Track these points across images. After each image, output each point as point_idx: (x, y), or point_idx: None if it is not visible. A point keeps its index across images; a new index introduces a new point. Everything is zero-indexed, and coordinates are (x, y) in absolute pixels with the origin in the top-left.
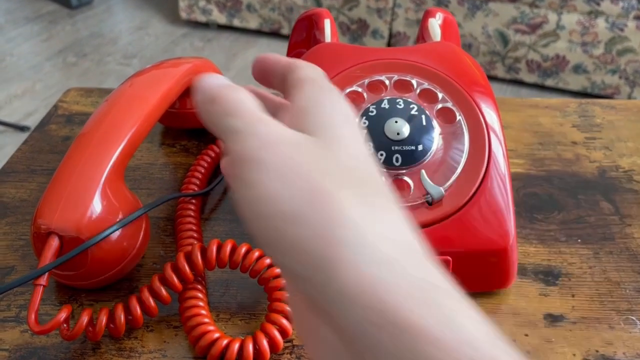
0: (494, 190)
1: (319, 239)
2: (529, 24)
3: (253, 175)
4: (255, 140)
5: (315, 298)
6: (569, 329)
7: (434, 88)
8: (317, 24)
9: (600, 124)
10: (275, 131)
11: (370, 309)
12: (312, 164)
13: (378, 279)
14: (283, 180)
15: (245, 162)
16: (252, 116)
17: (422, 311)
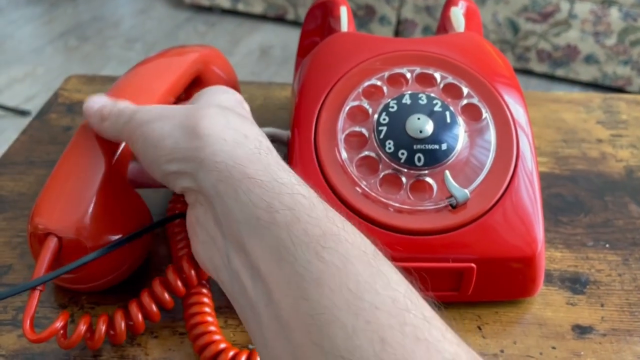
0: (521, 193)
1: (189, 147)
2: (540, 13)
3: (146, 129)
4: (145, 107)
5: (191, 186)
6: (599, 341)
7: (458, 82)
8: (332, 11)
9: (626, 120)
10: (154, 107)
11: (220, 171)
12: (192, 111)
13: (216, 152)
14: (172, 123)
15: (140, 124)
16: (134, 106)
17: (254, 166)
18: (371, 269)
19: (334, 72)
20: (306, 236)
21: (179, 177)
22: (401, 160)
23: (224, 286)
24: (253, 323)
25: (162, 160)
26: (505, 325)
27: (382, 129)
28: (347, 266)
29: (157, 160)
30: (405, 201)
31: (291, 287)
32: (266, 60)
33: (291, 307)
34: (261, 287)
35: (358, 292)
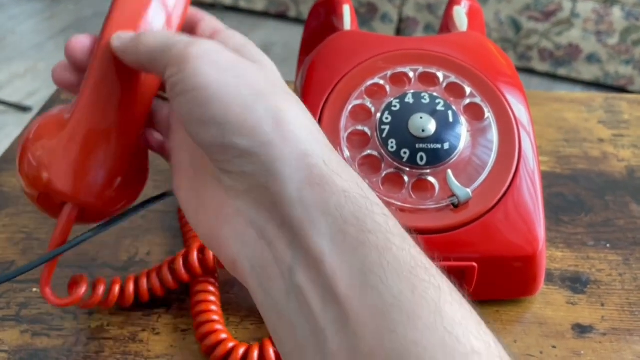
0: (523, 192)
1: (274, 133)
2: (542, 12)
3: (214, 74)
4: (210, 43)
5: (252, 172)
6: (599, 340)
7: (461, 82)
8: (336, 9)
9: (628, 120)
10: (210, 46)
11: (311, 176)
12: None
13: (308, 151)
14: (251, 90)
15: (201, 59)
16: (188, 37)
17: (347, 177)
18: (463, 311)
19: (336, 70)
20: (398, 264)
21: (243, 156)
22: (403, 159)
23: (265, 295)
24: (311, 348)
25: (233, 129)
26: (505, 324)
27: (385, 127)
28: (442, 303)
29: (223, 125)
30: (408, 200)
31: (376, 317)
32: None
33: (373, 339)
34: (335, 311)
35: (454, 332)
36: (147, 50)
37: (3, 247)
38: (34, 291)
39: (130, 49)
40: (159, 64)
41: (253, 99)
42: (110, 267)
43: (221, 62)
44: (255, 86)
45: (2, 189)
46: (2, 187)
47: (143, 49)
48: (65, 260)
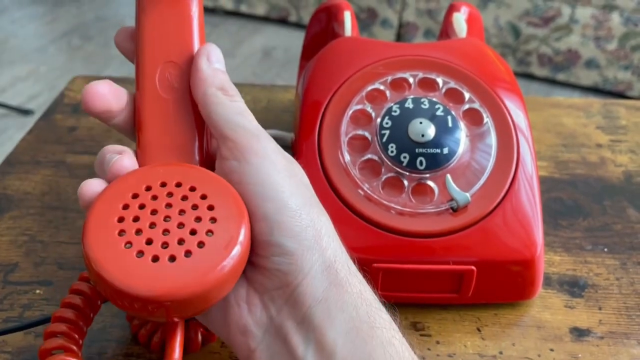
0: (521, 197)
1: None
2: (541, 17)
3: (268, 169)
4: (272, 144)
5: (289, 271)
6: (596, 344)
7: (460, 87)
8: (336, 16)
9: (626, 125)
10: (274, 147)
11: (338, 278)
12: (309, 192)
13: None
14: (302, 199)
15: (265, 158)
16: (254, 121)
17: (361, 280)
18: None
19: (337, 76)
20: (399, 358)
21: (284, 255)
22: (403, 163)
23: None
24: None
25: (282, 230)
26: (504, 327)
27: (385, 132)
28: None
29: (273, 223)
30: (407, 204)
31: None
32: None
33: None
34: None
35: None
36: (216, 110)
37: (6, 250)
38: (37, 293)
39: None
40: (219, 132)
41: (301, 207)
42: None
43: (278, 164)
44: (301, 194)
45: (6, 192)
46: (6, 190)
47: (214, 104)
48: (68, 261)
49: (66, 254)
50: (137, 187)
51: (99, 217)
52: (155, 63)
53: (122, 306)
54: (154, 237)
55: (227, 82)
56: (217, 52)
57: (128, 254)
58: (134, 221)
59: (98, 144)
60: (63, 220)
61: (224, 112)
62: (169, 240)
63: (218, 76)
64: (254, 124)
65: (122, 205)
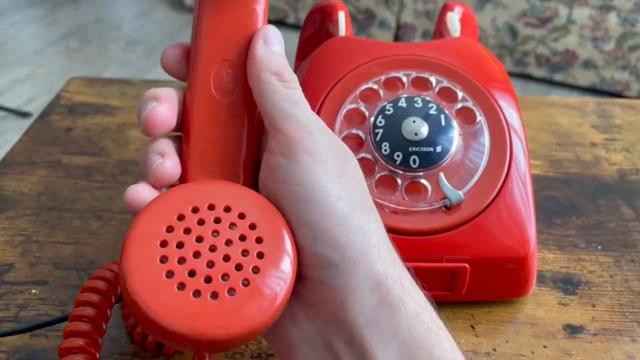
0: (514, 195)
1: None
2: (539, 18)
3: (315, 171)
4: (321, 138)
5: (335, 285)
6: (589, 341)
7: (453, 86)
8: (331, 16)
9: (620, 124)
10: (327, 144)
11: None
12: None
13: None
14: (350, 204)
15: (313, 156)
16: (309, 113)
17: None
18: None
19: (331, 75)
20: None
21: (328, 268)
22: (397, 162)
23: None
24: None
25: (325, 239)
26: (497, 324)
27: (379, 131)
28: None
29: (317, 231)
30: (401, 202)
31: None
32: None
33: None
34: None
35: None
36: (271, 96)
37: (2, 250)
38: (33, 293)
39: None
40: (270, 119)
41: (350, 213)
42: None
43: (331, 166)
44: (351, 198)
45: (2, 192)
46: (2, 190)
47: (269, 91)
48: (64, 261)
49: (62, 254)
50: (184, 208)
51: (141, 238)
52: (211, 61)
53: (154, 334)
54: (197, 268)
55: (284, 67)
56: (276, 35)
57: (169, 285)
58: (178, 247)
59: (94, 145)
60: (59, 220)
61: (277, 100)
62: (213, 274)
63: (274, 59)
64: (308, 116)
65: (166, 227)
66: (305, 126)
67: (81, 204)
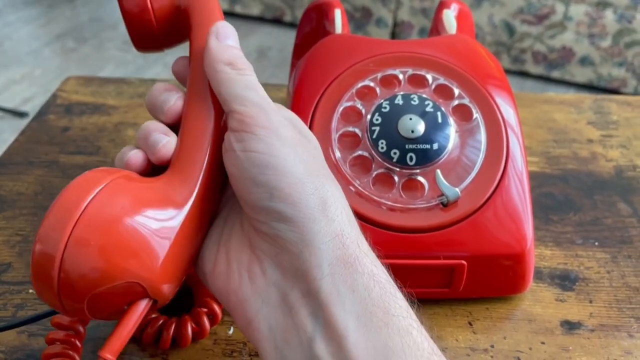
0: (511, 191)
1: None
2: (535, 15)
3: (275, 141)
4: (279, 117)
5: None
6: (587, 336)
7: (450, 84)
8: (327, 14)
9: (617, 121)
10: (282, 120)
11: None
12: (318, 163)
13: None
14: (305, 167)
15: (270, 129)
16: (263, 95)
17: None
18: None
19: (328, 73)
20: (417, 349)
21: (283, 222)
22: (393, 159)
23: (277, 356)
24: None
25: (281, 195)
26: (495, 321)
27: (375, 129)
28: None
29: (273, 189)
30: (398, 199)
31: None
32: (263, 61)
33: None
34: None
35: None
36: (226, 83)
37: (0, 250)
38: (30, 292)
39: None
40: (229, 105)
41: (305, 176)
42: None
43: (285, 135)
44: (308, 165)
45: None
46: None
47: (224, 79)
48: None
49: None
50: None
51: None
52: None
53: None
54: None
55: (237, 57)
56: (228, 29)
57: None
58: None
59: (91, 144)
60: None
61: (231, 86)
62: None
63: (227, 51)
64: (263, 97)
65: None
66: (260, 105)
67: None
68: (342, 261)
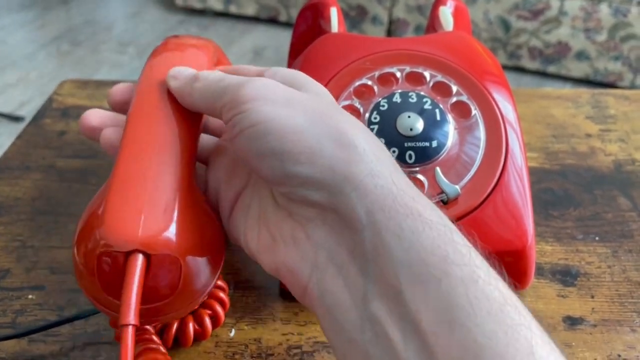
0: (511, 187)
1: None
2: (531, 10)
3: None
4: (261, 81)
5: (320, 201)
6: (589, 332)
7: (447, 81)
8: (323, 13)
9: (615, 115)
10: (266, 83)
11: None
12: (324, 107)
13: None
14: (307, 116)
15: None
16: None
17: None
18: (555, 354)
19: (325, 72)
20: (487, 301)
21: (307, 185)
22: None
23: (334, 323)
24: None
25: (291, 157)
26: None
27: (374, 127)
28: (535, 346)
29: (281, 155)
30: None
31: (466, 357)
32: (259, 61)
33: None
34: (418, 347)
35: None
36: (201, 95)
37: None
38: (30, 298)
39: (186, 92)
40: (216, 108)
41: (308, 125)
42: None
43: (274, 97)
44: (310, 113)
45: None
46: None
47: (198, 94)
48: (60, 266)
49: (58, 259)
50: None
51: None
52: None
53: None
54: None
55: (190, 73)
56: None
57: None
58: None
59: (88, 148)
60: (54, 224)
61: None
62: None
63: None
64: (237, 79)
65: None
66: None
67: (76, 207)
68: (379, 205)
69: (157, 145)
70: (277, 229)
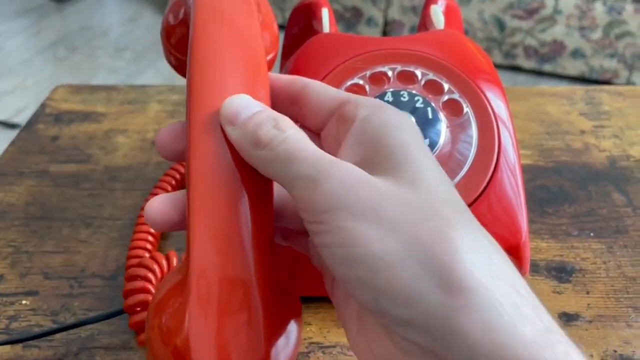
0: (504, 184)
1: (440, 303)
2: (525, 9)
3: (351, 225)
4: (340, 180)
5: (424, 345)
6: (585, 328)
7: (439, 79)
8: (315, 13)
9: (609, 111)
10: (352, 173)
11: (486, 346)
12: (421, 216)
13: (493, 323)
14: (400, 239)
15: (337, 209)
16: (316, 156)
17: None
18: None
19: (316, 72)
20: None
21: (406, 326)
22: None
23: None
24: None
25: (385, 296)
26: None
27: None
28: None
29: (374, 291)
30: None
31: None
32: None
33: None
34: None
35: None
36: (266, 169)
37: None
38: (24, 304)
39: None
40: (283, 177)
41: (404, 256)
42: (100, 277)
43: (359, 204)
44: (404, 233)
45: None
46: None
47: (263, 166)
48: (54, 271)
49: (52, 264)
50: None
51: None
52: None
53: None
54: None
55: (256, 130)
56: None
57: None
58: None
59: (81, 152)
60: (48, 229)
61: (270, 170)
62: None
63: (244, 132)
64: (309, 164)
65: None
66: (307, 178)
67: (70, 212)
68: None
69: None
70: (374, 341)
